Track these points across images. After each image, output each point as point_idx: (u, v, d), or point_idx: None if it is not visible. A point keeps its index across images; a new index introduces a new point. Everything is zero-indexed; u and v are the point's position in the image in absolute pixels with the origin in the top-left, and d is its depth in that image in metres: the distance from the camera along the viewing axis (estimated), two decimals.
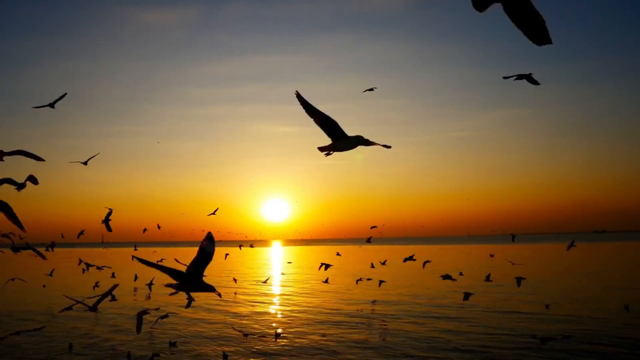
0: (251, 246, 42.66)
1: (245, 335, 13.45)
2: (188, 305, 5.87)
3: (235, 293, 25.22)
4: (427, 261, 20.34)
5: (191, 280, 4.09)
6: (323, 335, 14.66)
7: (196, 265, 4.23)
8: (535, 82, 5.62)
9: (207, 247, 4.40)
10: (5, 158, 4.38)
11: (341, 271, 37.63)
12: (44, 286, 27.72)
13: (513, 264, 25.11)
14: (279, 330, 14.93)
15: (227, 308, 20.41)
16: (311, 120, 3.69)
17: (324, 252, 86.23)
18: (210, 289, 4.11)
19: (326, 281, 25.32)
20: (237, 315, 18.80)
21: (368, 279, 24.05)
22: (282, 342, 13.86)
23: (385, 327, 15.86)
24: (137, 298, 23.89)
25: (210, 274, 34.23)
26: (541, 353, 12.16)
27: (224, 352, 11.60)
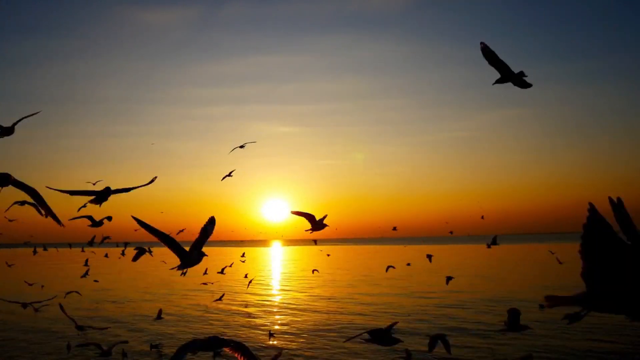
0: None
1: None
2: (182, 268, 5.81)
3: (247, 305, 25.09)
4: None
5: (190, 252, 4.34)
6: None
7: (197, 242, 4.49)
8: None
9: (208, 227, 4.58)
10: None
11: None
12: None
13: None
14: (272, 331, 14.84)
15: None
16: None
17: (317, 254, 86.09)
18: (202, 254, 4.38)
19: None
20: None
21: None
22: (275, 341, 13.78)
23: None
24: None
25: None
26: (536, 353, 12.06)
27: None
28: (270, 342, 13.65)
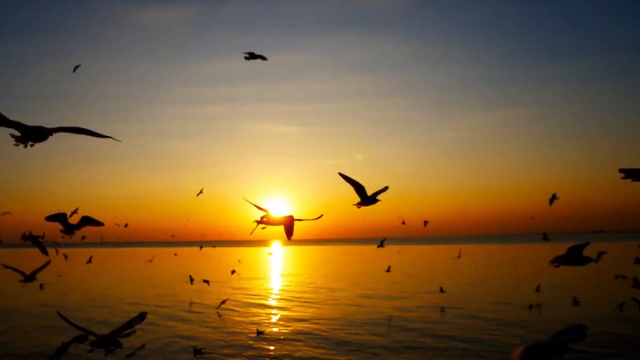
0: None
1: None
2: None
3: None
4: None
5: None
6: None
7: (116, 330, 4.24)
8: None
9: (133, 321, 4.32)
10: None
11: None
12: None
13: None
14: (261, 329, 14.64)
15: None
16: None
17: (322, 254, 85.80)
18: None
19: None
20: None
21: None
22: (265, 339, 13.56)
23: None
24: None
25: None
26: None
27: (194, 348, 11.34)
28: None
